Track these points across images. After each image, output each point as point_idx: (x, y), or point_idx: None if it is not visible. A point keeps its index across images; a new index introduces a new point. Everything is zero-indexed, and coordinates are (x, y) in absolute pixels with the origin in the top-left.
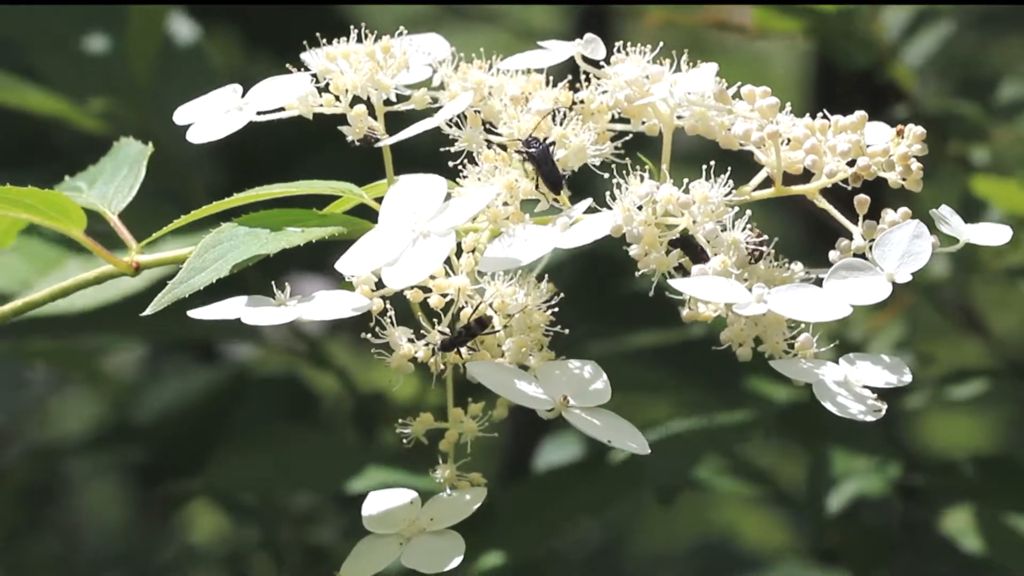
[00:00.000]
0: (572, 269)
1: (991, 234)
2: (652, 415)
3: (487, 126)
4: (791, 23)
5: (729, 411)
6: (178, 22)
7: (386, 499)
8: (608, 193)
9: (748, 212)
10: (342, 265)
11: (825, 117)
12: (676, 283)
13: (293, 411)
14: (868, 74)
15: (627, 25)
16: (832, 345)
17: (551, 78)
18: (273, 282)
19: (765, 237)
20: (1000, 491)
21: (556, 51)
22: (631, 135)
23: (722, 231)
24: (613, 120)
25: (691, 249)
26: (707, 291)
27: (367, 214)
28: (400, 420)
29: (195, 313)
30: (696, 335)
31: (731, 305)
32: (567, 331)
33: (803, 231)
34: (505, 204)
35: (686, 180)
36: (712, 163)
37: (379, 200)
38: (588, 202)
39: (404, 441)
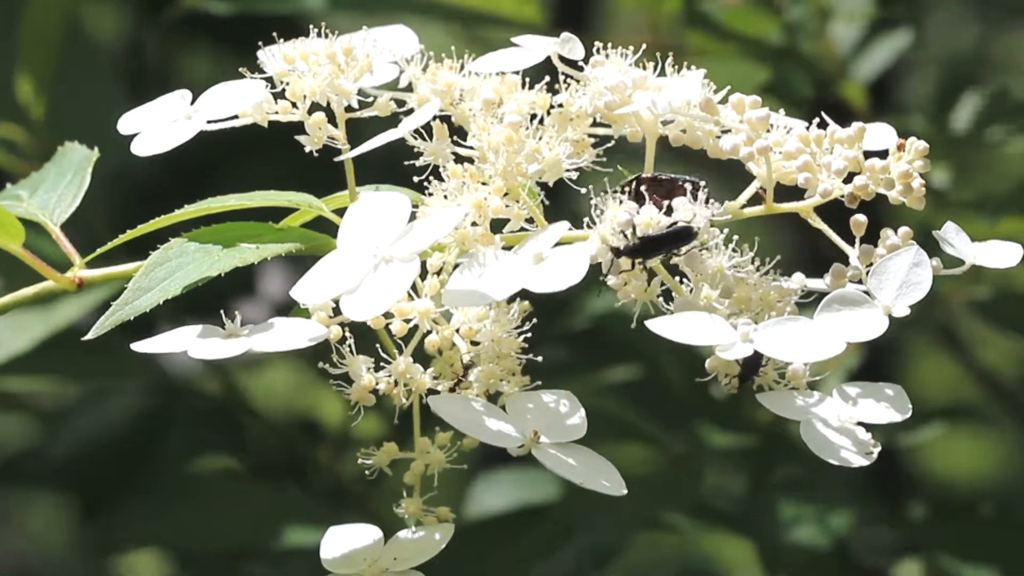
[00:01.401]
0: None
1: (1000, 255)
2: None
3: (455, 138)
4: (728, 47)
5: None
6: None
7: (347, 537)
8: (586, 221)
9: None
10: (298, 292)
11: (822, 124)
12: (653, 325)
13: (223, 438)
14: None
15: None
16: (828, 373)
17: (527, 79)
18: (222, 311)
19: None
20: (950, 540)
21: (532, 50)
22: (613, 141)
23: (703, 252)
24: (594, 124)
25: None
26: (687, 333)
27: (325, 226)
28: (363, 450)
29: (139, 346)
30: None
31: (714, 347)
32: (540, 358)
33: (801, 237)
34: (474, 224)
35: (666, 203)
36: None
37: (339, 212)
38: (565, 225)
39: (367, 473)
